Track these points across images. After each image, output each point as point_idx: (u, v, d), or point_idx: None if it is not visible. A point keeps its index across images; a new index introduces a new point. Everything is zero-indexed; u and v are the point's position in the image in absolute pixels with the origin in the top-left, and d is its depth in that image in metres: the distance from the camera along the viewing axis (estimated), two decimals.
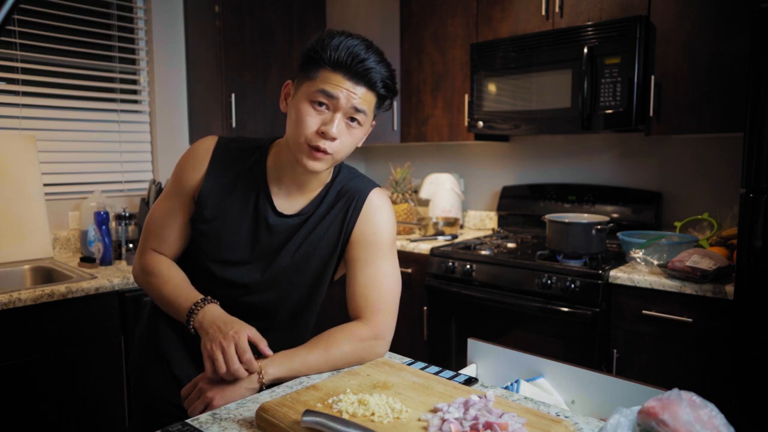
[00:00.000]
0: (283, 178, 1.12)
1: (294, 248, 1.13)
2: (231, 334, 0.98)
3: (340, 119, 1.02)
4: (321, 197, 1.15)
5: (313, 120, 1.02)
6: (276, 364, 1.00)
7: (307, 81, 1.03)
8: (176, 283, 1.12)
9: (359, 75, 1.01)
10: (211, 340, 0.98)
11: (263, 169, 1.13)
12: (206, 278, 1.15)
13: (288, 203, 1.13)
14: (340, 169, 1.19)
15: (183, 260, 1.20)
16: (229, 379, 0.97)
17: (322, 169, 1.06)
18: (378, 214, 1.16)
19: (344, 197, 1.15)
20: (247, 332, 0.99)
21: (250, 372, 0.97)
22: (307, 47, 1.04)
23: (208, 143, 1.15)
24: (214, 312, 1.04)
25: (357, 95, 1.02)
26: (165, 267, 1.16)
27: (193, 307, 1.05)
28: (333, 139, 1.02)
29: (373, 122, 1.10)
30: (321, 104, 1.01)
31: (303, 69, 1.05)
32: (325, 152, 1.02)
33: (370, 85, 1.03)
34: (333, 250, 1.16)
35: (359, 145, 1.10)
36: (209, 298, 1.08)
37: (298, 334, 1.22)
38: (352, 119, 1.04)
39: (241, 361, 0.96)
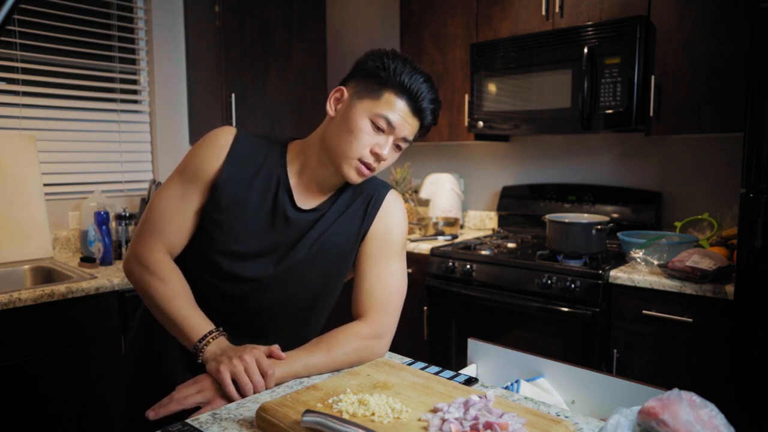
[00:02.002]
0: (303, 175, 1.14)
1: (310, 242, 1.12)
2: (238, 356, 0.97)
3: (391, 143, 1.08)
4: (338, 195, 1.17)
5: (370, 139, 1.06)
6: (278, 367, 0.99)
7: (369, 98, 1.06)
8: (186, 302, 1.07)
9: (418, 110, 1.07)
10: (219, 363, 0.97)
11: (284, 163, 1.14)
12: (211, 272, 1.12)
13: (306, 199, 1.14)
14: None
15: (185, 253, 1.15)
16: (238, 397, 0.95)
17: (360, 181, 1.12)
18: (394, 214, 1.19)
19: (362, 195, 1.18)
20: (255, 354, 0.98)
21: (257, 391, 0.96)
22: (372, 62, 1.07)
23: (228, 132, 1.13)
24: (222, 344, 1.02)
25: (410, 126, 1.08)
26: (174, 276, 1.09)
27: (207, 335, 1.02)
28: (384, 160, 1.09)
29: None
30: (380, 128, 1.06)
31: (364, 82, 1.08)
32: (373, 170, 1.09)
33: (423, 119, 1.10)
34: (351, 247, 1.16)
35: None
36: (221, 329, 1.05)
37: (306, 336, 1.20)
38: (399, 145, 1.10)
39: (251, 381, 0.95)
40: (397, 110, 1.06)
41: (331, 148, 1.09)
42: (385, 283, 1.14)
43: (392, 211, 1.19)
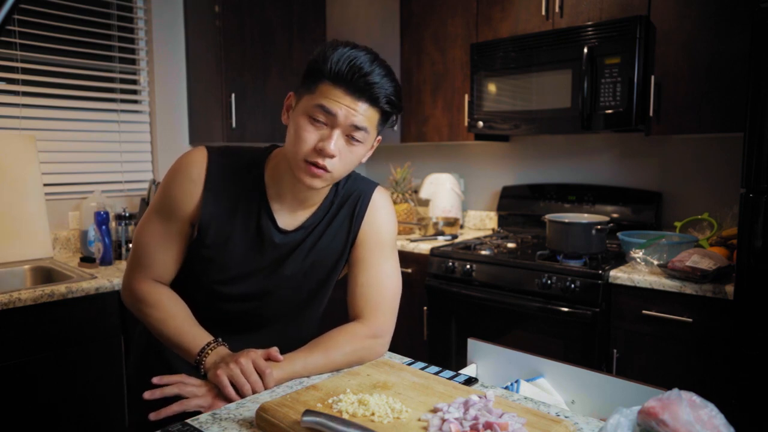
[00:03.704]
0: (284, 194, 1.09)
1: (301, 257, 1.12)
2: (234, 360, 0.98)
3: (338, 136, 0.98)
4: (326, 208, 1.14)
5: (311, 136, 0.97)
6: (277, 368, 1.00)
7: (307, 94, 0.99)
8: (182, 320, 1.08)
9: (361, 90, 0.96)
10: (217, 367, 0.98)
11: (262, 187, 1.09)
12: (209, 295, 1.13)
13: (291, 218, 1.11)
14: None
15: (184, 280, 1.16)
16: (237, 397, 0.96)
17: (320, 186, 1.02)
18: (381, 213, 1.16)
19: (348, 201, 1.15)
20: (252, 356, 0.99)
21: (255, 391, 0.96)
22: (310, 58, 1.00)
23: (198, 160, 1.07)
24: (221, 352, 1.03)
25: (358, 112, 0.97)
26: (165, 298, 1.10)
27: (206, 347, 1.03)
28: (331, 156, 0.97)
29: (379, 138, 1.07)
30: (319, 120, 0.97)
31: (304, 81, 1.00)
32: (324, 169, 0.98)
33: (373, 100, 0.97)
34: (341, 255, 1.16)
35: (363, 161, 1.06)
36: (219, 339, 1.06)
37: (302, 336, 1.22)
38: (353, 136, 0.99)
39: (248, 382, 0.96)
40: (333, 96, 0.95)
41: (288, 158, 1.02)
42: (380, 284, 1.14)
43: (379, 211, 1.16)
